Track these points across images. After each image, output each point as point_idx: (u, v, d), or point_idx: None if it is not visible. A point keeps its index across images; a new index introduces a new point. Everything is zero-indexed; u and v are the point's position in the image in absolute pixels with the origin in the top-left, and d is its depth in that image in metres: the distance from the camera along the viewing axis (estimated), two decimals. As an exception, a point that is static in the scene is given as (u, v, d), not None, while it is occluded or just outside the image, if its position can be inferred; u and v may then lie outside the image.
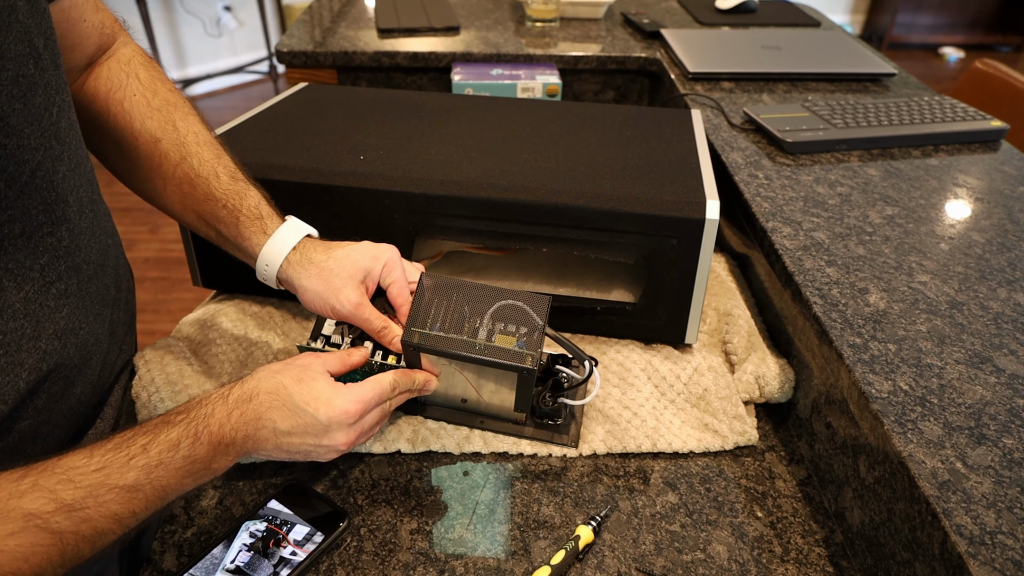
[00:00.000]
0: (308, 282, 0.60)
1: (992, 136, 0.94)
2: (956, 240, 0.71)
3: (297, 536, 0.54)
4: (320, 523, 0.55)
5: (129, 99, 0.63)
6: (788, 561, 0.54)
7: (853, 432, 0.56)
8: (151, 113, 0.63)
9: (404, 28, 1.39)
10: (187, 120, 0.64)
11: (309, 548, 0.53)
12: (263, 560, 0.52)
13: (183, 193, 0.63)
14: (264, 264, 0.62)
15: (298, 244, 0.61)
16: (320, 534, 0.54)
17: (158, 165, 0.63)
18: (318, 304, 0.60)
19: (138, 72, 0.64)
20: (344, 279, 0.59)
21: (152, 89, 0.64)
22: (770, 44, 1.29)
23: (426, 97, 0.91)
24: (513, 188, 0.67)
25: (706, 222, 0.64)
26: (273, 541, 0.54)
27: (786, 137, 0.90)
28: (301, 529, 0.55)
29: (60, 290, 0.51)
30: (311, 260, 0.61)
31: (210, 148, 0.64)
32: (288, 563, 0.52)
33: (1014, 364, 0.55)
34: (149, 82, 0.64)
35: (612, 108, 0.90)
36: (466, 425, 0.63)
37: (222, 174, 0.63)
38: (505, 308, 0.58)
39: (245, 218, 0.62)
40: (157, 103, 0.64)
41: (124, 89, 0.63)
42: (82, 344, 0.54)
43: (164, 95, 0.64)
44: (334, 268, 0.60)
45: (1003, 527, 0.42)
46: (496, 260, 0.80)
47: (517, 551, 0.54)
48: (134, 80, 0.63)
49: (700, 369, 0.68)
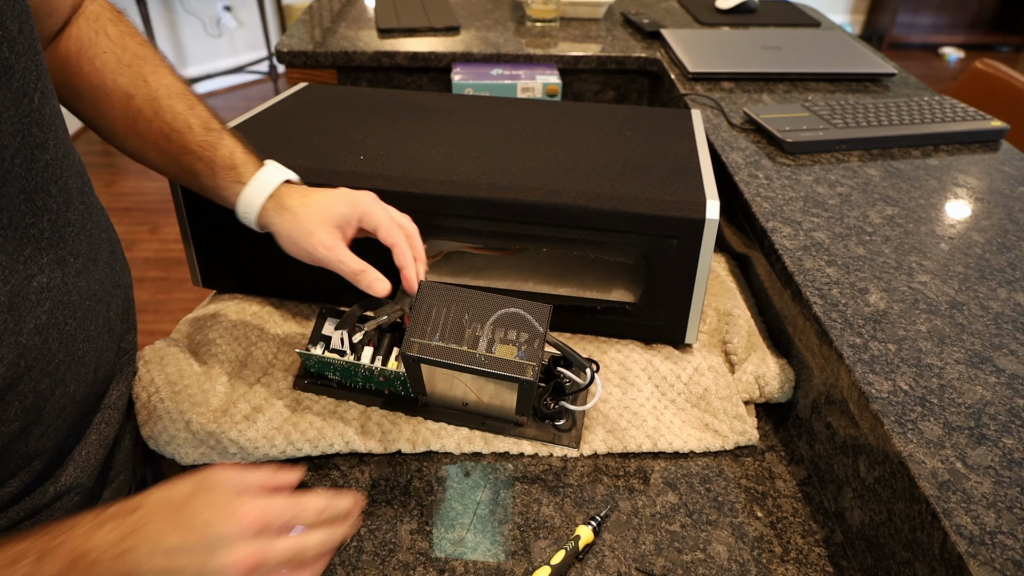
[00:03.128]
0: (282, 226, 0.60)
1: (992, 136, 0.94)
2: (956, 240, 0.71)
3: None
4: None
5: (100, 56, 0.62)
6: (788, 561, 0.54)
7: (853, 432, 0.56)
8: (122, 69, 0.62)
9: (404, 28, 1.39)
10: (157, 73, 0.63)
11: None
12: None
13: (160, 149, 0.63)
14: (243, 213, 0.62)
15: (275, 191, 0.61)
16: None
17: (133, 122, 0.62)
18: (292, 248, 0.60)
19: (107, 28, 0.63)
20: (317, 223, 0.59)
21: (122, 45, 0.63)
22: (770, 44, 1.29)
23: (426, 97, 0.91)
24: (513, 188, 0.67)
25: (706, 222, 0.63)
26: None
27: (786, 137, 0.90)
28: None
29: (42, 283, 0.49)
30: (285, 206, 0.60)
31: (182, 99, 0.63)
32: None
33: (1014, 364, 0.55)
34: (118, 37, 0.63)
35: (612, 108, 0.90)
36: (467, 426, 0.63)
37: (195, 125, 0.62)
38: (506, 316, 0.58)
39: (220, 168, 0.62)
40: (127, 59, 0.63)
41: (94, 47, 0.62)
42: (68, 341, 0.52)
43: (134, 50, 0.64)
44: (308, 213, 0.60)
45: (1003, 527, 0.42)
46: (496, 260, 0.79)
47: (517, 551, 0.54)
48: (103, 37, 0.62)
49: (700, 369, 0.68)
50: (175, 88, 0.64)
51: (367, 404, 0.65)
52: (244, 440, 0.61)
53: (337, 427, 0.62)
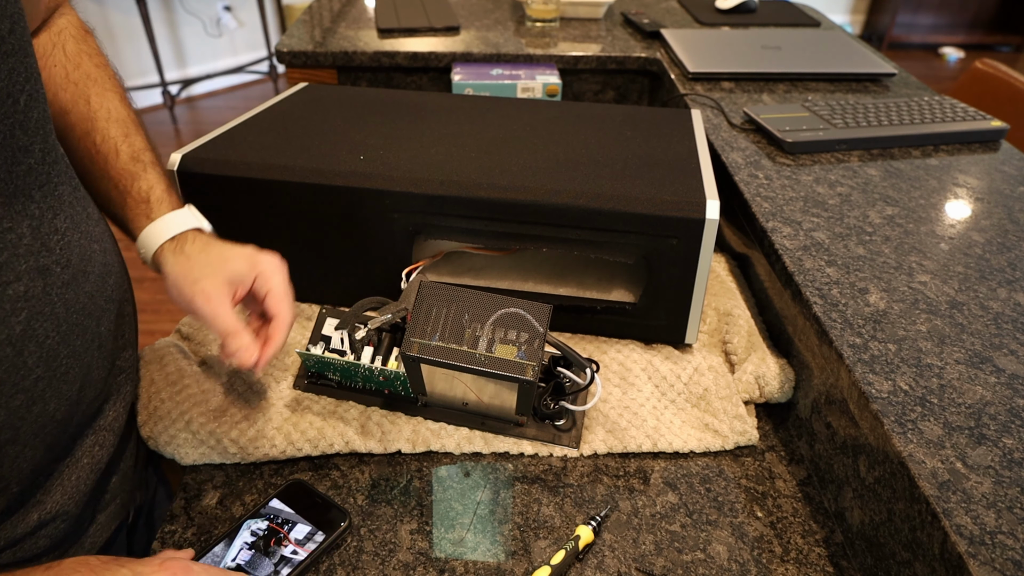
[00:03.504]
0: (172, 269, 0.57)
1: (992, 136, 0.94)
2: (956, 240, 0.71)
3: (298, 535, 0.54)
4: (321, 522, 0.55)
5: (48, 70, 0.61)
6: (788, 561, 0.54)
7: (853, 432, 0.56)
8: (67, 85, 0.61)
9: (404, 28, 1.39)
10: (103, 96, 0.62)
11: (310, 547, 0.53)
12: (264, 559, 0.52)
13: (83, 169, 0.61)
14: (141, 248, 0.59)
15: (180, 234, 0.59)
16: (321, 533, 0.54)
17: (62, 138, 0.60)
18: (175, 293, 0.56)
19: (66, 44, 0.62)
20: (207, 272, 0.56)
21: (75, 62, 0.62)
22: (770, 44, 1.29)
23: (426, 97, 0.91)
24: (513, 188, 0.67)
25: (706, 222, 0.63)
26: (274, 540, 0.54)
27: (786, 137, 0.90)
28: (302, 528, 0.55)
29: (19, 292, 0.46)
30: (184, 251, 0.58)
31: (119, 126, 0.62)
32: (289, 562, 0.52)
33: (1014, 364, 0.55)
34: (75, 55, 0.62)
35: (612, 108, 0.90)
36: (467, 426, 0.63)
37: (123, 152, 0.61)
38: (506, 316, 0.58)
39: (132, 200, 0.60)
40: (76, 76, 0.61)
41: (46, 59, 0.61)
42: (49, 355, 0.48)
43: (87, 69, 0.62)
44: (203, 261, 0.57)
45: (1003, 527, 0.42)
46: (496, 260, 0.79)
47: (517, 551, 0.54)
48: (59, 52, 0.61)
49: (700, 369, 0.68)
50: (116, 114, 0.62)
51: (367, 404, 0.65)
52: (244, 440, 0.61)
53: (337, 427, 0.62)
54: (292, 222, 0.71)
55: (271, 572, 0.51)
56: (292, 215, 0.70)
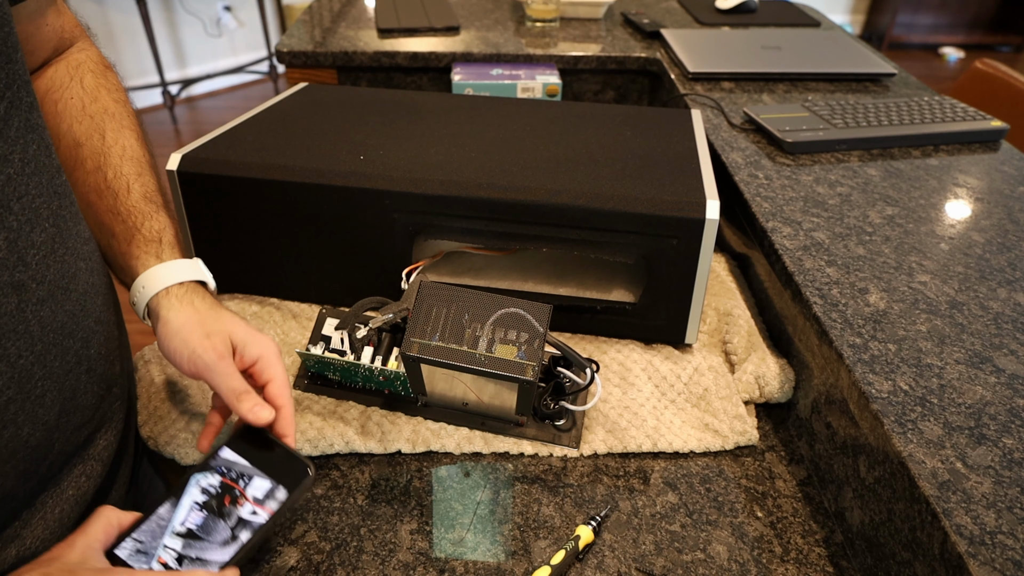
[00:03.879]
0: (177, 316, 0.54)
1: (992, 136, 0.94)
2: (956, 240, 0.71)
3: (257, 492, 0.48)
4: (281, 476, 0.49)
5: (65, 101, 0.59)
6: (788, 561, 0.54)
7: (853, 432, 0.56)
8: (83, 118, 0.59)
9: (404, 28, 1.39)
10: (120, 132, 0.60)
11: (271, 506, 0.47)
12: (218, 521, 0.46)
13: (88, 203, 0.58)
14: (140, 286, 0.56)
15: (188, 283, 0.56)
16: (282, 489, 0.48)
17: (71, 170, 0.58)
18: (176, 343, 0.53)
19: (84, 77, 0.61)
20: (218, 329, 0.53)
21: (93, 96, 0.61)
22: (770, 44, 1.29)
23: (426, 97, 0.91)
24: (513, 188, 0.67)
25: (706, 222, 0.64)
26: (229, 498, 0.47)
27: (786, 137, 0.90)
28: (260, 483, 0.48)
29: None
30: (192, 302, 0.55)
31: (133, 164, 0.60)
32: (248, 525, 0.46)
33: (1014, 364, 0.55)
34: (93, 88, 0.61)
35: (612, 108, 0.90)
36: (467, 426, 0.63)
37: (135, 190, 0.59)
38: (506, 316, 0.58)
39: (142, 238, 0.57)
40: (93, 109, 0.60)
41: (63, 91, 0.59)
42: (22, 377, 0.45)
43: (104, 103, 0.61)
44: (214, 317, 0.54)
45: (1003, 527, 0.42)
46: (496, 260, 0.79)
47: (517, 551, 0.54)
48: (77, 84, 0.60)
49: (700, 369, 0.68)
50: (132, 152, 0.60)
51: (367, 404, 0.65)
52: (244, 440, 0.61)
53: (337, 427, 0.62)
54: (292, 222, 0.71)
55: (227, 538, 0.45)
56: (292, 215, 0.70)
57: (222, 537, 0.45)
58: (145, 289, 0.55)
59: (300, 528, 0.56)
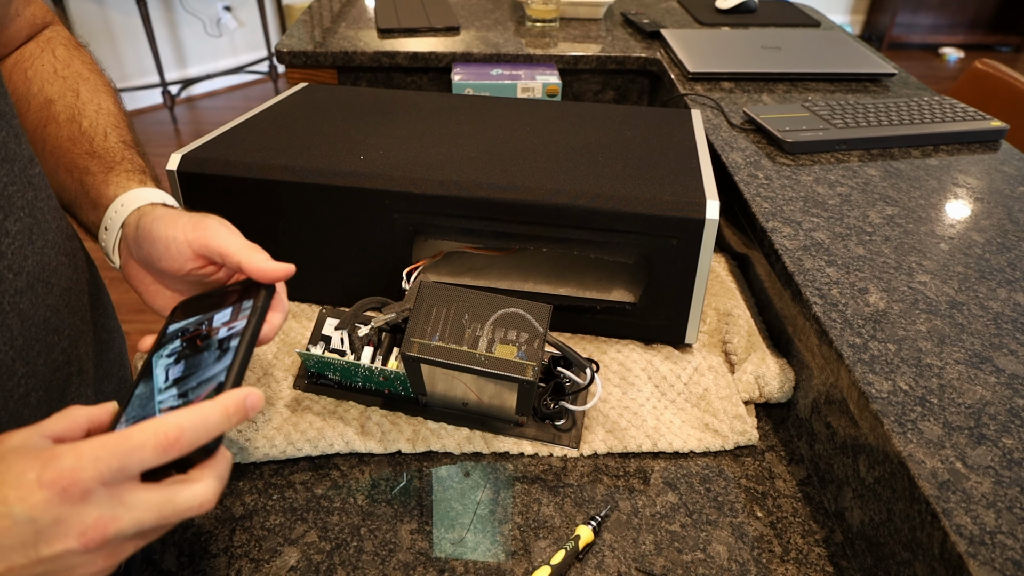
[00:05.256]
0: (163, 212, 0.49)
1: (992, 136, 0.94)
2: (956, 240, 0.71)
3: (224, 318, 0.44)
4: (239, 299, 0.46)
5: (35, 68, 0.57)
6: (788, 561, 0.54)
7: (853, 432, 0.56)
8: (55, 80, 0.57)
9: (404, 28, 1.39)
10: (95, 93, 0.58)
11: (244, 314, 0.44)
12: (201, 354, 0.42)
13: (60, 150, 0.54)
14: (120, 204, 0.51)
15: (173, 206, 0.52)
16: (249, 300, 0.45)
17: (43, 127, 0.55)
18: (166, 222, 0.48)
19: (55, 49, 0.59)
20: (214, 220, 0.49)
21: (65, 62, 0.59)
22: (770, 44, 1.29)
23: (426, 97, 0.91)
24: (513, 188, 0.67)
25: (706, 222, 0.64)
26: (199, 339, 0.43)
27: (786, 137, 0.90)
28: (223, 313, 0.45)
29: None
30: (179, 210, 0.51)
31: (110, 118, 0.57)
32: (232, 338, 0.42)
33: (1014, 364, 0.55)
34: (65, 57, 0.59)
35: (612, 108, 0.90)
36: (467, 426, 0.64)
37: (112, 137, 0.55)
38: (506, 316, 0.58)
39: (123, 169, 0.53)
40: (66, 73, 0.58)
41: (33, 60, 0.57)
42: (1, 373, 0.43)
43: (77, 68, 0.59)
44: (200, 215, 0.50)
45: (1003, 527, 0.42)
46: (496, 260, 0.79)
47: (517, 551, 0.54)
48: (48, 55, 0.58)
49: (700, 369, 0.68)
50: (108, 109, 0.58)
51: (367, 404, 0.65)
52: (244, 440, 0.61)
53: (337, 427, 0.62)
54: (292, 222, 0.71)
55: (216, 357, 0.41)
56: (292, 215, 0.70)
57: (212, 359, 0.41)
58: (124, 207, 0.50)
59: (300, 528, 0.56)
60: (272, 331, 0.46)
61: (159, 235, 0.48)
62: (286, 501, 0.58)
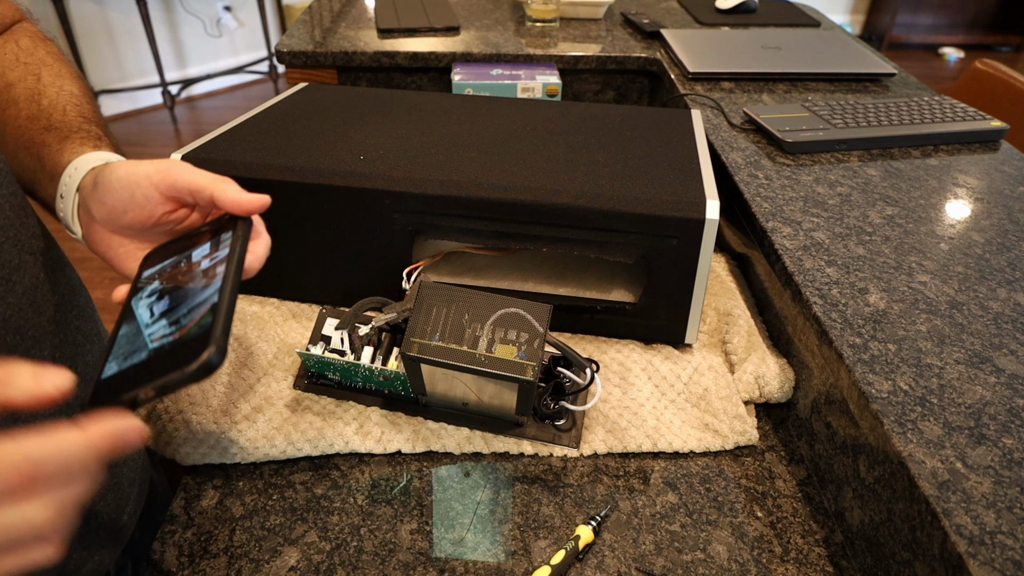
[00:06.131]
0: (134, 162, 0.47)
1: (992, 136, 0.94)
2: (956, 240, 0.71)
3: (204, 250, 0.42)
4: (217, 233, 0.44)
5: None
6: (788, 561, 0.54)
7: (853, 432, 0.56)
8: (16, 66, 0.56)
9: (404, 28, 1.39)
10: (58, 77, 0.57)
11: (225, 243, 0.42)
12: (186, 285, 0.40)
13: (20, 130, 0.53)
14: (74, 168, 0.50)
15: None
16: (226, 234, 0.43)
17: (3, 110, 0.55)
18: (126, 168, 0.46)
19: (19, 39, 0.58)
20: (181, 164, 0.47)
21: (29, 51, 0.58)
22: (770, 44, 1.29)
23: (426, 97, 0.91)
24: (513, 188, 0.67)
25: (706, 222, 0.64)
26: (181, 273, 0.41)
27: (786, 137, 0.90)
28: (203, 247, 0.43)
29: None
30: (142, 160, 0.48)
31: (71, 98, 0.55)
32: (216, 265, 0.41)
33: (1014, 364, 0.55)
34: (29, 46, 0.58)
35: (612, 108, 0.90)
36: (467, 426, 0.64)
37: (71, 112, 0.54)
38: (506, 316, 0.58)
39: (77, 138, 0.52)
40: (28, 59, 0.57)
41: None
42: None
43: (41, 56, 0.58)
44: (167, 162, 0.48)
45: (1003, 527, 0.42)
46: (496, 260, 0.79)
47: (517, 551, 0.54)
48: (12, 44, 0.58)
49: (700, 369, 0.68)
50: (70, 91, 0.57)
51: (367, 404, 0.65)
52: (244, 440, 0.61)
53: (337, 427, 0.62)
54: (292, 222, 0.71)
55: (203, 285, 0.39)
56: (292, 215, 0.70)
57: (199, 287, 0.39)
58: (78, 170, 0.48)
59: (300, 528, 0.56)
60: (256, 261, 0.45)
61: (122, 183, 0.46)
62: (286, 501, 0.58)
